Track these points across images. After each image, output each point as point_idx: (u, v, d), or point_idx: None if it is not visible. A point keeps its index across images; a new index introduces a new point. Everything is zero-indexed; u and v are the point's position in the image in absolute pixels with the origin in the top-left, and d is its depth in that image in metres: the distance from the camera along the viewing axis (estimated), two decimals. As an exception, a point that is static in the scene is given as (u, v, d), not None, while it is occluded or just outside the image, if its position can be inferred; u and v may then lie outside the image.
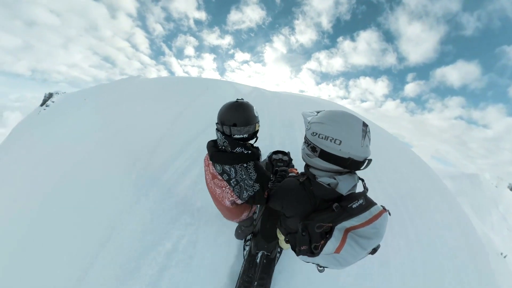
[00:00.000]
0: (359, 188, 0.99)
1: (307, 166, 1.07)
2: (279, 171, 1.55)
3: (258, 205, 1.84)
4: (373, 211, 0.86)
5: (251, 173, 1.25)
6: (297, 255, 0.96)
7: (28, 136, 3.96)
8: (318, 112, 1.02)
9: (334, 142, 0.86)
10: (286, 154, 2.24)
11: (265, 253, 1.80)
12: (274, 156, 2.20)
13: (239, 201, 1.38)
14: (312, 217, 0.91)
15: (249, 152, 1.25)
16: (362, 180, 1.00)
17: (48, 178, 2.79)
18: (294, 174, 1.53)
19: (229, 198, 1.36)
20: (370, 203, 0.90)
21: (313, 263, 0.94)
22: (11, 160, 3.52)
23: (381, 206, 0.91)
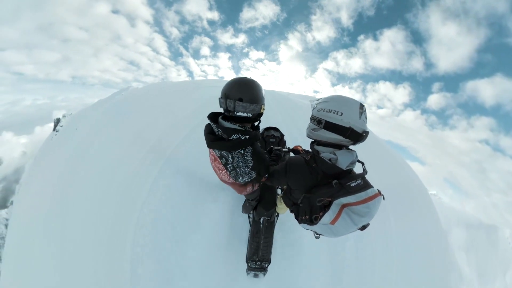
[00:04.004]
0: (359, 170, 1.11)
1: (312, 143, 1.20)
2: (274, 150, 1.71)
3: None
4: (369, 192, 0.96)
5: (247, 160, 1.22)
6: (299, 223, 1.11)
7: (48, 163, 4.19)
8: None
9: (337, 114, 1.00)
10: (278, 130, 2.36)
11: (266, 218, 2.17)
12: (266, 133, 2.32)
13: (235, 182, 1.44)
14: (314, 191, 1.03)
15: (247, 137, 1.18)
16: (362, 163, 1.13)
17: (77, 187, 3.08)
18: (299, 150, 1.77)
19: (228, 179, 1.42)
20: (367, 185, 1.01)
21: (311, 230, 1.08)
22: (37, 189, 3.66)
23: (377, 189, 1.01)
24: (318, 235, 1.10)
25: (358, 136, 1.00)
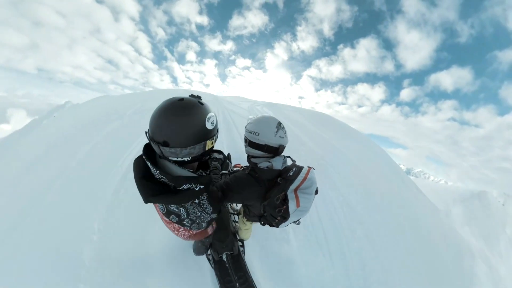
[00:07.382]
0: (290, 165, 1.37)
1: (248, 158, 1.38)
2: (212, 168, 1.61)
3: None
4: (303, 171, 1.25)
5: (206, 208, 1.01)
6: (277, 227, 1.23)
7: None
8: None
9: (254, 134, 1.27)
10: (221, 152, 2.16)
11: (228, 253, 1.82)
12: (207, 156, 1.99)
13: (198, 231, 1.20)
14: (269, 195, 1.22)
15: (201, 187, 0.91)
16: (289, 157, 1.39)
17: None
18: (239, 168, 1.85)
19: (186, 235, 1.23)
20: (300, 168, 1.28)
21: (290, 223, 1.22)
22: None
23: (307, 166, 1.31)
24: (297, 222, 1.25)
25: (275, 150, 1.27)
